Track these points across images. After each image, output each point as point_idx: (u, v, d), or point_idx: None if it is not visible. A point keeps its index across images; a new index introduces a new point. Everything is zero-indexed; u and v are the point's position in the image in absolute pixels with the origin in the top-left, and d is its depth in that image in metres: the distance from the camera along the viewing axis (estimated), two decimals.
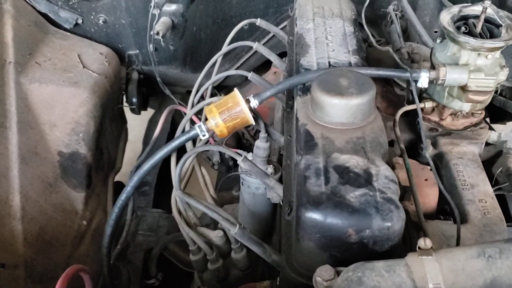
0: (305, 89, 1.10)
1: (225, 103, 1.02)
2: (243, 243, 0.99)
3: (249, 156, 1.25)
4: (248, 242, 0.96)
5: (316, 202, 0.81)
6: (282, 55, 1.49)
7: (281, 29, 1.83)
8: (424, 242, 0.70)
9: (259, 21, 1.55)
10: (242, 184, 1.23)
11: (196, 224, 1.07)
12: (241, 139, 1.86)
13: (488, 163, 1.33)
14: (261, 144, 1.21)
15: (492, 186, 1.22)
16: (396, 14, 1.65)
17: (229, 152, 1.06)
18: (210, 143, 1.30)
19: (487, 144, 1.28)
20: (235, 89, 1.04)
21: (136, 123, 2.01)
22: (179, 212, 1.06)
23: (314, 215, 0.80)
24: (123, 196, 1.03)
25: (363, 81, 0.96)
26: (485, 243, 0.70)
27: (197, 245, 1.07)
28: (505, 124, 1.93)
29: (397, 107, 1.40)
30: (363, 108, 0.94)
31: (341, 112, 0.94)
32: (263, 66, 2.01)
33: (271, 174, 1.21)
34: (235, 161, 1.54)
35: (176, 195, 1.03)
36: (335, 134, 0.95)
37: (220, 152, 1.79)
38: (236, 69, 2.03)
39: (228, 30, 1.56)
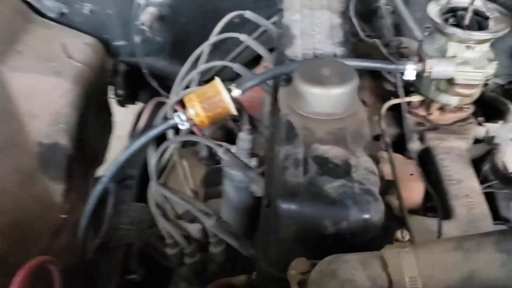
0: (288, 80, 1.07)
1: (205, 92, 1.00)
2: (219, 236, 0.96)
3: (233, 149, 1.23)
4: (225, 235, 0.94)
5: (293, 193, 0.79)
6: (273, 50, 1.46)
7: (272, 23, 1.82)
8: (401, 235, 0.68)
9: (248, 13, 1.52)
10: (225, 177, 1.21)
11: (174, 216, 1.05)
12: (231, 133, 1.84)
13: (479, 161, 1.31)
14: (244, 136, 1.18)
15: (481, 183, 1.20)
16: (387, 9, 1.63)
17: (209, 143, 1.04)
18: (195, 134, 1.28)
19: (477, 141, 1.25)
20: (216, 78, 1.01)
21: (128, 120, 1.98)
22: (157, 205, 1.04)
23: (290, 206, 0.78)
24: (98, 187, 1.01)
25: (345, 71, 0.94)
26: (464, 236, 0.68)
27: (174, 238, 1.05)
28: (497, 123, 1.91)
29: (385, 102, 1.38)
30: (345, 98, 0.92)
31: (322, 102, 0.92)
32: (254, 61, 1.98)
33: (255, 167, 1.19)
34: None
35: (152, 186, 1.01)
36: (316, 124, 0.92)
37: (208, 146, 1.76)
38: (231, 60, 2.01)
39: (218, 23, 1.53)
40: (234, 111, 1.01)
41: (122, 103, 1.77)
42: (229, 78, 1.94)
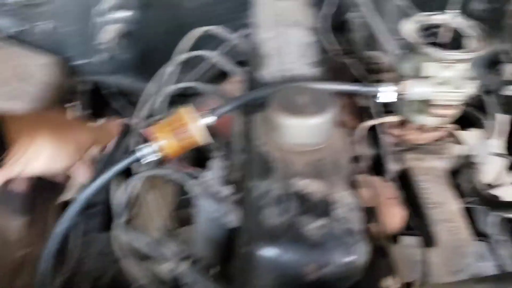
0: (263, 105, 1.02)
1: (171, 123, 0.93)
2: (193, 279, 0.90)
3: (205, 175, 1.16)
4: (197, 280, 0.87)
5: (272, 236, 0.73)
6: (244, 63, 1.41)
7: (243, 36, 1.76)
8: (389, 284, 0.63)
9: (215, 29, 1.46)
10: (196, 208, 1.14)
11: (142, 258, 0.98)
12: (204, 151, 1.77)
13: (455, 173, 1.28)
14: (217, 163, 1.12)
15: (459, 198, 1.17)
16: (357, 21, 1.59)
17: (177, 177, 0.97)
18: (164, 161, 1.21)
19: None
20: (182, 107, 0.95)
21: None
22: (123, 246, 0.96)
23: (269, 252, 0.72)
24: (60, 227, 0.93)
25: (323, 98, 0.89)
26: (465, 281, 0.64)
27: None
28: (469, 131, 1.90)
29: (363, 120, 1.34)
30: (323, 127, 0.87)
31: (299, 132, 0.87)
32: (226, 74, 1.93)
33: (229, 196, 1.13)
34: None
35: (116, 226, 0.93)
36: (294, 156, 0.87)
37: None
38: (198, 78, 1.94)
39: (185, 38, 1.47)
40: (203, 142, 0.94)
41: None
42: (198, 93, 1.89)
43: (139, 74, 1.72)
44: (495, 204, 0.98)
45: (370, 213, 1.03)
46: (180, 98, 1.96)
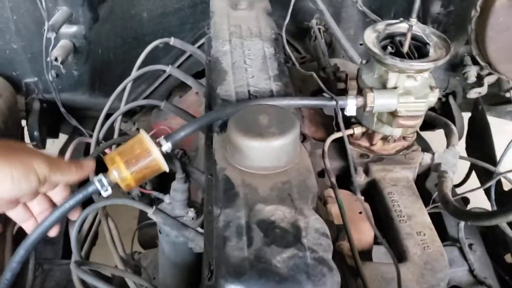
0: (223, 125, 0.97)
1: (131, 150, 0.85)
2: None
3: (167, 199, 1.11)
4: None
5: (238, 271, 0.68)
6: (203, 72, 1.36)
7: (200, 46, 1.71)
8: None
9: (172, 41, 1.41)
10: (160, 232, 1.08)
11: None
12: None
13: (422, 177, 1.27)
14: (178, 186, 1.06)
15: (429, 204, 1.16)
16: (319, 29, 1.57)
17: (136, 205, 0.91)
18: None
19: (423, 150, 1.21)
20: (142, 131, 0.88)
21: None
22: (82, 282, 0.90)
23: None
24: (15, 259, 0.85)
25: (285, 118, 0.85)
26: None
27: None
28: (434, 131, 1.91)
29: (327, 130, 1.31)
30: (287, 149, 0.83)
31: (262, 155, 0.82)
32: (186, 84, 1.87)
33: (192, 219, 1.08)
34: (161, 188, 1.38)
35: (73, 263, 0.87)
36: (258, 180, 0.82)
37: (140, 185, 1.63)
38: (156, 88, 1.88)
39: (141, 50, 1.40)
40: (166, 168, 0.88)
41: (42, 144, 1.60)
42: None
43: (96, 89, 1.65)
44: (462, 215, 0.96)
45: (340, 231, 1.00)
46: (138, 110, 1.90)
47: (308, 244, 0.73)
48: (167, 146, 0.87)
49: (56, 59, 1.37)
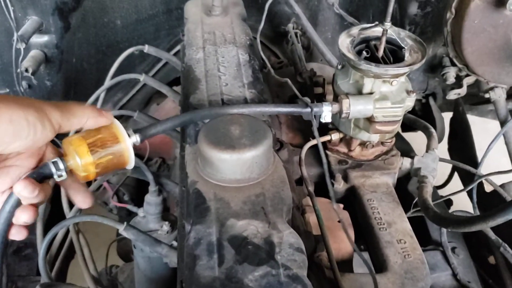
0: (195, 136, 0.94)
1: (97, 134, 0.75)
2: None
3: (141, 212, 1.08)
4: None
5: None
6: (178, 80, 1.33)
7: (176, 53, 1.68)
8: None
9: (147, 48, 1.38)
10: (134, 247, 1.05)
11: None
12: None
13: (404, 180, 1.25)
14: (151, 199, 1.04)
15: (412, 208, 1.14)
16: (296, 33, 1.55)
17: (106, 222, 0.88)
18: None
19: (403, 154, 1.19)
20: (115, 119, 0.81)
21: None
22: None
23: None
24: None
25: (257, 128, 0.82)
26: None
27: None
28: (416, 132, 1.90)
29: (305, 136, 1.29)
30: (260, 160, 0.80)
31: (234, 167, 0.80)
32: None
33: (167, 232, 1.05)
34: (138, 201, 1.35)
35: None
36: (230, 193, 0.80)
37: (117, 195, 1.60)
38: (133, 96, 1.85)
39: (116, 58, 1.38)
40: (132, 164, 0.78)
41: None
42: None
43: (70, 99, 1.61)
44: (442, 221, 0.94)
45: (319, 241, 0.97)
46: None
47: (282, 260, 0.70)
48: (135, 138, 0.79)
49: (26, 70, 1.33)
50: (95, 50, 1.58)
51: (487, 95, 1.46)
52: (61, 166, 0.72)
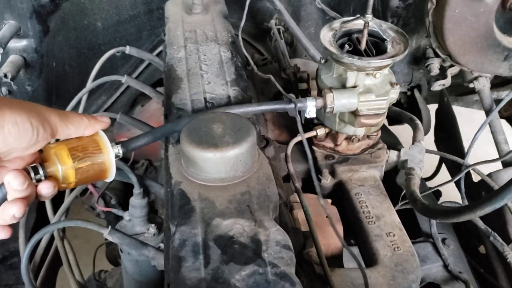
0: (178, 136, 0.93)
1: (79, 141, 0.75)
2: None
3: (126, 215, 1.06)
4: None
5: None
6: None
7: (159, 53, 1.66)
8: None
9: (128, 49, 1.36)
10: (121, 251, 1.04)
11: None
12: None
13: (392, 173, 1.25)
14: (136, 202, 1.02)
15: (400, 200, 1.14)
16: (279, 29, 1.54)
17: (90, 227, 0.86)
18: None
19: (389, 147, 1.18)
20: (101, 130, 0.80)
21: None
22: None
23: None
24: None
25: (240, 125, 0.81)
26: None
27: None
28: (403, 125, 1.90)
29: (292, 133, 1.28)
30: (244, 158, 0.79)
31: (218, 166, 0.78)
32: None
33: (154, 235, 1.03)
34: (126, 204, 1.33)
35: None
36: (215, 192, 0.78)
37: (104, 199, 1.57)
38: (118, 98, 1.82)
39: (98, 60, 1.36)
40: (112, 176, 0.77)
41: None
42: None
43: (53, 104, 1.58)
44: (430, 212, 0.94)
45: (307, 238, 0.96)
46: None
47: (269, 258, 0.69)
48: (117, 150, 0.78)
49: (5, 76, 1.30)
50: (76, 53, 1.56)
51: (471, 85, 1.46)
52: (41, 171, 0.72)
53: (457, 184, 1.32)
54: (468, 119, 1.94)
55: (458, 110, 1.78)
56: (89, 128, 0.77)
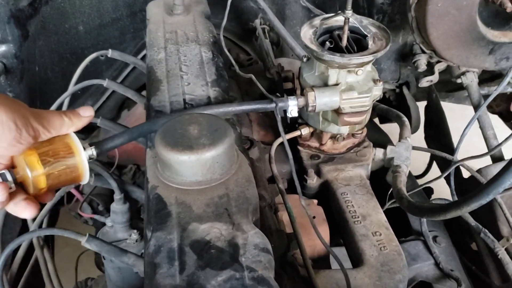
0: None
1: (49, 145, 0.72)
2: None
3: (108, 222, 1.04)
4: None
5: None
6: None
7: (143, 56, 1.64)
8: None
9: (110, 52, 1.33)
10: (104, 259, 1.01)
11: None
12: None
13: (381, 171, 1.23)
14: (117, 208, 1.00)
15: (387, 199, 1.12)
16: (264, 28, 1.52)
17: (67, 235, 0.84)
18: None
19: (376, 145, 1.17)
20: (72, 132, 0.77)
21: None
22: None
23: None
24: None
25: (217, 126, 0.79)
26: None
27: None
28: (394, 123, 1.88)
29: (276, 133, 1.25)
30: (221, 160, 0.77)
31: (194, 169, 0.76)
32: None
33: (136, 241, 1.01)
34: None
35: None
36: (192, 196, 0.76)
37: (91, 205, 1.55)
38: (104, 102, 1.80)
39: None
40: (86, 179, 0.75)
41: None
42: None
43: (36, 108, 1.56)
44: (417, 210, 0.92)
45: (292, 240, 0.94)
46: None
47: (247, 262, 0.67)
48: (90, 152, 0.77)
49: None
50: (58, 57, 1.53)
51: (459, 80, 1.44)
52: (9, 178, 0.69)
53: (448, 180, 1.30)
54: (460, 115, 1.92)
55: (450, 106, 1.76)
56: (71, 128, 0.76)
